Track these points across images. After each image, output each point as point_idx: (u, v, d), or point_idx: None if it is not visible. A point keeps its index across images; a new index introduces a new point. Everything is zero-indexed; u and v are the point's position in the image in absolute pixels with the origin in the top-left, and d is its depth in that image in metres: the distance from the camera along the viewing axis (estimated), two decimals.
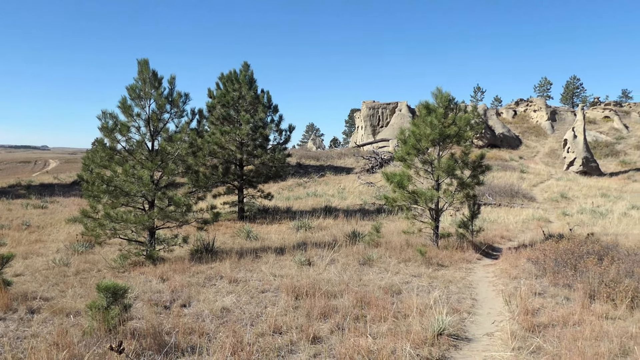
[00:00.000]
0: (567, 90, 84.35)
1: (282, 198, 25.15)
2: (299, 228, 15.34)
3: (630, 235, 14.75)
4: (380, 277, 9.24)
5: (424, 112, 12.44)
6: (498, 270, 10.58)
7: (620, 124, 58.80)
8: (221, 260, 10.35)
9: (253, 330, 5.98)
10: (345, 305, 7.13)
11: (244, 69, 19.22)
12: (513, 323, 6.64)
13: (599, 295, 7.81)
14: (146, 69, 10.95)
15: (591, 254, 10.26)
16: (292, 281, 8.26)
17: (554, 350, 5.48)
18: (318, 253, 11.12)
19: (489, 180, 28.46)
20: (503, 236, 15.76)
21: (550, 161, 44.49)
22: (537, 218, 19.83)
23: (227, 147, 18.24)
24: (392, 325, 6.26)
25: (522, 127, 58.88)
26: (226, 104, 18.88)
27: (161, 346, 5.28)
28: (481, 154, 12.86)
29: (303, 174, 33.67)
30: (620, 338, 5.83)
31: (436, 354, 5.47)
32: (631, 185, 33.09)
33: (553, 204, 25.65)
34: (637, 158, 45.78)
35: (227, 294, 7.71)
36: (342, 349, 5.25)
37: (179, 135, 11.37)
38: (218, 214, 12.17)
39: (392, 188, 12.51)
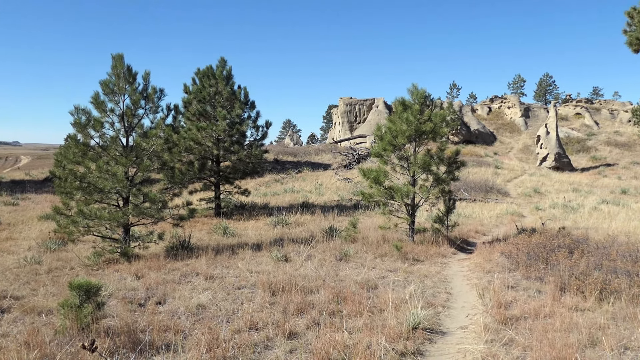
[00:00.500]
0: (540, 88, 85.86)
1: (260, 194, 25.07)
2: (276, 224, 15.32)
3: (600, 229, 15.12)
4: (357, 272, 9.31)
5: (400, 108, 12.54)
6: (472, 264, 10.74)
7: (591, 120, 60.12)
8: (197, 257, 10.29)
9: (229, 327, 5.96)
10: (321, 300, 7.16)
11: (220, 65, 19.06)
12: (486, 316, 6.76)
13: (569, 287, 8.00)
14: (120, 64, 10.78)
15: (562, 247, 10.50)
16: (269, 277, 8.26)
17: (525, 342, 5.60)
18: (295, 249, 11.13)
19: (465, 176, 28.85)
20: (478, 231, 15.99)
21: (524, 157, 45.27)
22: (510, 213, 20.17)
23: (203, 143, 18.09)
24: (368, 320, 6.31)
25: (496, 123, 59.75)
26: (202, 100, 18.71)
27: (135, 344, 5.24)
28: (456, 150, 13.01)
29: (280, 170, 33.61)
30: (589, 329, 5.98)
31: (411, 348, 5.54)
32: (601, 180, 33.89)
33: (526, 199, 26.11)
34: (607, 154, 46.90)
35: (203, 291, 7.67)
36: (318, 344, 5.27)
37: (154, 131, 11.23)
38: (194, 211, 12.07)
39: (369, 184, 12.60)
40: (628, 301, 7.19)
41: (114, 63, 10.78)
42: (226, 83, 18.86)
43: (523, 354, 5.33)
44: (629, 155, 45.84)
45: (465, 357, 5.34)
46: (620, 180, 34.13)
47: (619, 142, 50.90)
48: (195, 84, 19.13)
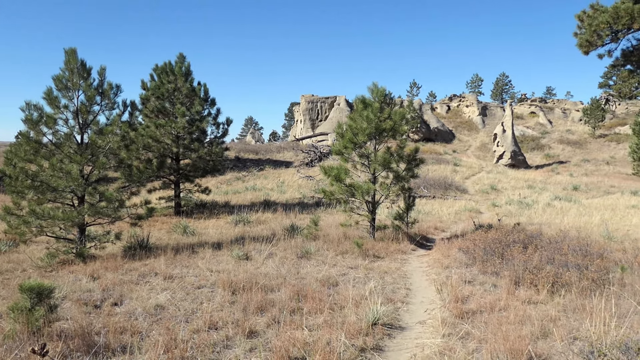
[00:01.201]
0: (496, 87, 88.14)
1: (221, 192, 24.83)
2: (237, 222, 15.21)
3: (553, 225, 15.66)
4: (318, 270, 9.34)
5: (360, 106, 12.63)
6: (431, 260, 10.94)
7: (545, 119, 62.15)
8: (156, 257, 10.11)
9: (188, 327, 5.88)
10: (282, 298, 7.15)
11: (179, 61, 18.75)
12: (444, 311, 6.90)
13: (523, 281, 8.25)
14: (74, 59, 10.46)
15: (517, 242, 10.83)
16: (229, 276, 8.19)
17: (481, 335, 5.74)
18: (256, 247, 11.08)
19: (424, 173, 29.34)
20: (437, 227, 16.29)
21: (482, 154, 46.38)
22: (468, 209, 20.64)
23: (162, 141, 17.77)
24: (329, 317, 6.34)
25: (455, 121, 61.01)
26: (161, 96, 18.36)
27: (90, 347, 5.10)
28: (416, 148, 13.21)
29: (242, 167, 33.35)
30: (541, 321, 6.19)
31: (371, 344, 5.60)
32: (554, 177, 35.09)
33: (484, 196, 26.78)
34: (559, 152, 48.60)
35: (162, 291, 7.54)
36: (277, 342, 5.27)
37: (110, 128, 10.95)
38: (152, 209, 11.86)
39: (330, 182, 12.65)
40: (578, 293, 7.47)
41: (66, 58, 10.44)
42: (185, 79, 18.57)
43: (478, 346, 5.47)
44: (580, 153, 47.64)
45: (423, 351, 5.44)
46: (572, 177, 35.42)
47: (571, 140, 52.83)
48: (153, 80, 18.76)
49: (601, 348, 4.37)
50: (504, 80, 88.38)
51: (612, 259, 9.99)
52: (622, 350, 4.33)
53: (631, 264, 9.48)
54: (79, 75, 10.56)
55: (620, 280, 8.28)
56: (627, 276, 8.54)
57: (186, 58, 18.89)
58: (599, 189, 30.61)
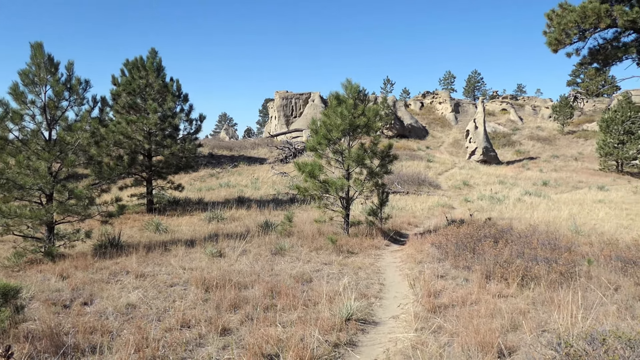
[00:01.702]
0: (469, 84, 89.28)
1: (194, 189, 24.56)
2: (211, 219, 15.08)
3: (523, 219, 15.96)
4: (292, 266, 9.33)
5: (334, 102, 12.65)
6: (405, 255, 11.04)
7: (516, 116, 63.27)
8: (128, 255, 9.95)
9: (160, 326, 5.81)
10: (256, 295, 7.13)
11: (151, 56, 18.44)
12: (417, 305, 6.97)
13: (494, 275, 8.39)
14: (40, 53, 10.20)
15: (488, 237, 11.01)
16: (203, 273, 8.12)
17: (452, 328, 5.83)
18: (230, 244, 11.01)
19: (398, 170, 29.57)
20: (410, 222, 16.44)
21: (454, 151, 46.96)
22: (441, 205, 20.89)
23: (134, 137, 17.46)
24: (302, 313, 6.35)
25: (428, 118, 61.61)
26: (132, 92, 18.03)
27: (58, 347, 5.00)
28: (389, 144, 13.30)
29: (216, 164, 33.04)
30: (511, 314, 6.31)
31: (344, 339, 5.63)
32: (525, 173, 35.76)
33: (456, 191, 27.13)
34: (530, 148, 49.54)
35: (133, 290, 7.44)
36: (251, 340, 5.25)
37: (80, 124, 10.72)
38: (124, 207, 11.68)
39: (304, 178, 12.65)
40: (547, 286, 7.64)
41: (33, 52, 10.18)
42: (157, 75, 18.28)
43: (450, 340, 5.55)
44: (549, 149, 48.66)
45: (396, 345, 5.49)
46: (541, 173, 36.16)
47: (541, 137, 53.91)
48: (124, 75, 18.40)
49: (568, 339, 4.47)
50: (476, 77, 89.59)
51: (580, 252, 10.25)
52: (587, 341, 4.44)
53: (597, 257, 9.73)
54: (46, 70, 10.32)
55: (587, 273, 8.49)
56: (594, 269, 8.77)
57: (158, 53, 18.59)
58: (568, 184, 31.34)
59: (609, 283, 7.97)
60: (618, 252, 10.07)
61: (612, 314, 6.40)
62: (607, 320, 6.02)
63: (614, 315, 6.37)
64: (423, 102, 68.54)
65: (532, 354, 4.68)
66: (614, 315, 6.39)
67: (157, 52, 18.58)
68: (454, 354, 5.10)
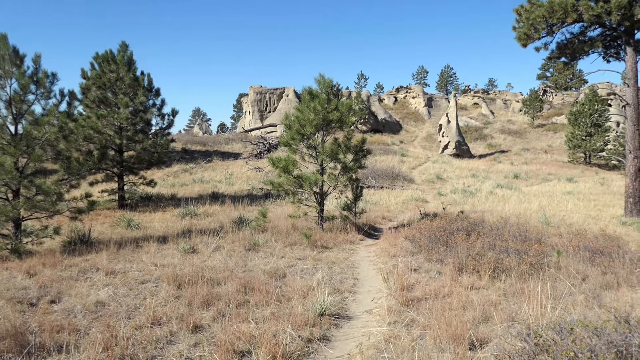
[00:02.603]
0: (441, 78, 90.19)
1: (167, 185, 24.25)
2: (184, 215, 14.90)
3: (495, 212, 16.21)
4: (266, 262, 9.29)
5: (307, 97, 12.61)
6: (379, 249, 11.09)
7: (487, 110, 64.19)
8: (98, 252, 9.76)
9: (130, 324, 5.71)
10: (229, 291, 7.07)
11: (121, 49, 18.09)
12: (390, 299, 7.01)
13: (466, 268, 8.50)
14: (5, 45, 9.90)
15: (461, 230, 11.15)
16: (175, 270, 8.01)
17: (425, 321, 5.87)
18: (203, 240, 10.90)
19: (372, 164, 29.70)
20: (384, 217, 16.53)
21: (428, 145, 47.39)
22: (415, 198, 21.06)
23: (104, 132, 17.11)
24: (275, 309, 6.32)
25: (402, 112, 62.01)
26: (102, 86, 17.68)
27: (23, 347, 4.86)
28: (363, 139, 13.33)
29: (189, 159, 32.68)
30: (483, 306, 6.40)
31: (317, 334, 5.62)
32: (496, 166, 36.34)
33: (430, 185, 27.41)
34: (501, 141, 50.33)
35: (103, 287, 7.29)
36: (223, 336, 5.19)
37: (47, 119, 10.45)
38: (94, 203, 11.44)
39: (278, 173, 12.59)
40: (517, 278, 7.78)
41: None
42: (128, 69, 17.95)
43: (423, 333, 5.59)
44: (520, 142, 49.51)
45: (369, 339, 5.51)
46: (512, 166, 36.79)
47: (512, 130, 54.80)
48: (94, 69, 18.01)
49: (537, 330, 4.55)
50: (448, 72, 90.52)
51: (549, 243, 10.46)
52: (556, 331, 4.52)
53: (566, 247, 9.95)
54: (11, 62, 10.04)
55: (556, 264, 8.67)
56: (563, 259, 8.96)
57: (129, 47, 18.27)
58: (538, 176, 31.96)
59: (577, 273, 8.15)
60: (586, 242, 10.32)
61: (580, 304, 6.55)
62: (575, 310, 6.15)
63: (582, 305, 6.52)
64: (397, 96, 68.93)
65: (502, 345, 4.75)
66: (582, 304, 6.54)
67: (127, 46, 18.25)
68: (426, 347, 5.14)
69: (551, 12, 16.98)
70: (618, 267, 8.57)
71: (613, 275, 8.18)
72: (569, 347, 4.15)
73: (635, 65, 17.57)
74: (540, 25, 17.67)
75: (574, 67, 36.27)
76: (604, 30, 18.38)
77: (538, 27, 17.73)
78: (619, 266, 8.64)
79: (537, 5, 17.51)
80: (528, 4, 17.96)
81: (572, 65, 21.18)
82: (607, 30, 18.21)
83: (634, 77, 17.53)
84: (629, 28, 17.18)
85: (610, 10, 16.45)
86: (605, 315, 5.29)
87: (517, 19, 18.30)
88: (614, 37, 18.21)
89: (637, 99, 17.51)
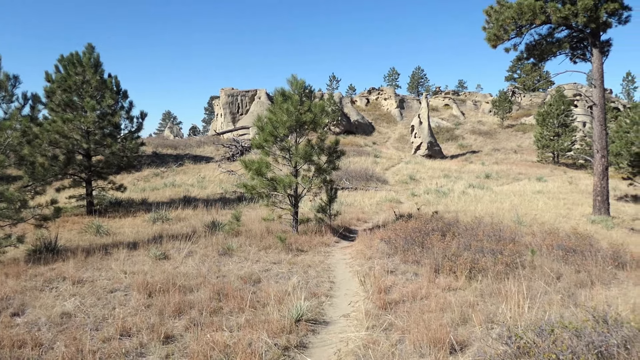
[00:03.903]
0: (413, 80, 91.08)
1: (137, 189, 23.72)
2: (155, 220, 14.55)
3: (468, 212, 16.31)
4: (240, 267, 9.09)
5: (280, 99, 12.44)
6: (354, 251, 10.99)
7: (458, 111, 65.02)
8: (65, 260, 9.39)
9: (97, 336, 5.45)
10: (202, 299, 6.85)
11: (87, 51, 17.60)
12: (368, 302, 6.90)
13: (442, 269, 8.46)
14: None
15: (436, 231, 11.14)
16: (146, 277, 7.75)
17: (404, 325, 5.78)
18: (175, 245, 10.63)
19: (346, 166, 29.68)
20: (359, 218, 16.47)
21: (400, 146, 47.68)
22: (389, 200, 21.09)
23: (70, 136, 16.60)
24: (251, 316, 6.14)
25: (374, 114, 62.31)
26: (68, 89, 17.15)
27: None
28: (336, 140, 13.23)
29: (160, 163, 32.09)
30: (461, 307, 6.34)
31: (294, 341, 5.46)
32: (468, 166, 36.75)
33: (403, 186, 27.51)
34: (472, 142, 50.99)
35: (70, 297, 6.98)
36: (196, 347, 4.99)
37: (9, 123, 10.02)
38: (60, 210, 11.04)
39: (251, 176, 12.39)
40: (494, 278, 7.77)
41: None
42: (95, 71, 17.48)
43: (402, 337, 5.49)
44: (490, 143, 50.23)
45: (347, 345, 5.38)
46: (484, 166, 37.26)
47: (482, 131, 55.60)
48: (59, 71, 17.47)
49: (518, 332, 4.49)
50: (419, 73, 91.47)
51: (523, 242, 10.53)
52: (536, 333, 4.47)
53: (540, 246, 10.02)
54: None
55: (531, 263, 8.71)
56: (537, 259, 9.01)
57: (95, 49, 17.79)
58: (509, 176, 32.43)
59: (552, 272, 8.20)
60: (559, 241, 10.43)
61: (557, 303, 6.56)
62: (551, 309, 6.15)
63: (558, 304, 6.52)
64: (369, 98, 69.25)
65: (483, 349, 4.68)
66: (558, 303, 6.55)
67: (94, 48, 17.77)
68: (406, 352, 5.04)
69: (520, 13, 17.21)
70: (591, 265, 8.66)
71: (586, 273, 8.26)
72: (550, 349, 4.10)
73: (601, 66, 17.95)
74: (509, 27, 17.90)
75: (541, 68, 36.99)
76: (571, 31, 18.74)
77: (507, 28, 17.96)
78: (591, 264, 8.73)
79: (507, 6, 17.73)
80: (497, 5, 18.19)
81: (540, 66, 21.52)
82: (574, 32, 18.58)
83: (600, 78, 17.91)
84: (595, 30, 17.54)
85: (577, 13, 16.77)
86: (583, 314, 5.28)
87: (486, 20, 18.51)
88: (580, 38, 18.59)
89: (603, 100, 17.88)
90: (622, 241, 12.04)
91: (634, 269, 8.83)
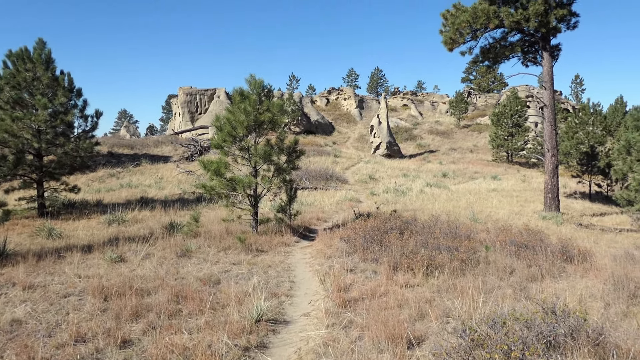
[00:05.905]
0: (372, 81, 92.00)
1: (92, 190, 23.07)
2: (111, 222, 14.19)
3: (426, 210, 16.63)
4: (199, 268, 8.99)
5: (238, 98, 12.36)
6: (314, 251, 11.04)
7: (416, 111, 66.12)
8: (14, 265, 9.03)
9: (50, 342, 5.29)
10: (160, 301, 6.74)
11: (38, 47, 16.98)
12: (328, 301, 6.95)
13: (401, 266, 8.61)
14: None
15: (394, 229, 11.31)
16: (101, 281, 7.56)
17: (363, 322, 5.86)
18: (132, 248, 10.41)
19: (306, 165, 29.72)
20: (319, 218, 16.54)
21: (360, 146, 48.09)
22: (349, 199, 21.25)
23: (20, 135, 16.00)
24: (210, 318, 6.09)
25: (334, 114, 62.64)
26: (17, 86, 16.51)
27: None
28: (295, 139, 13.24)
29: (116, 163, 31.31)
30: (418, 303, 6.48)
31: (255, 342, 5.46)
32: (426, 166, 37.43)
33: (363, 185, 27.78)
34: (430, 141, 51.94)
35: (20, 303, 6.74)
36: (154, 350, 4.92)
37: None
38: (9, 212, 10.68)
39: (210, 176, 12.25)
40: (450, 274, 7.97)
41: None
42: (46, 68, 16.90)
43: (361, 334, 5.57)
44: (447, 143, 51.29)
45: (307, 344, 5.41)
46: (441, 165, 38.03)
47: (439, 131, 56.72)
48: (7, 67, 16.80)
49: (472, 325, 4.64)
50: (378, 74, 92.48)
51: (478, 239, 10.82)
52: (489, 325, 4.63)
53: (494, 243, 10.33)
54: None
55: (485, 259, 8.97)
56: (491, 254, 9.29)
57: (47, 44, 17.19)
58: (465, 175, 33.22)
59: (505, 267, 8.47)
60: (512, 237, 10.77)
61: (509, 296, 6.79)
62: (504, 303, 6.36)
63: (511, 298, 6.76)
64: (329, 98, 69.55)
65: (439, 343, 4.80)
66: (511, 297, 6.78)
67: (45, 43, 17.16)
68: (365, 348, 5.11)
69: (475, 17, 17.67)
70: (541, 260, 8.99)
71: (537, 267, 8.57)
72: (502, 341, 4.25)
73: (551, 69, 18.63)
74: (465, 30, 18.34)
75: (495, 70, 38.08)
76: (523, 36, 19.38)
77: (463, 31, 18.40)
78: (542, 259, 9.07)
79: (462, 10, 18.16)
80: (454, 9, 18.60)
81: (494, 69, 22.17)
82: (526, 36, 19.22)
83: (550, 80, 18.59)
84: (545, 34, 18.20)
85: (529, 17, 17.35)
86: (533, 307, 5.49)
87: (443, 24, 18.91)
88: (532, 42, 19.23)
89: (553, 101, 18.57)
90: (571, 236, 12.56)
91: (581, 262, 9.22)
